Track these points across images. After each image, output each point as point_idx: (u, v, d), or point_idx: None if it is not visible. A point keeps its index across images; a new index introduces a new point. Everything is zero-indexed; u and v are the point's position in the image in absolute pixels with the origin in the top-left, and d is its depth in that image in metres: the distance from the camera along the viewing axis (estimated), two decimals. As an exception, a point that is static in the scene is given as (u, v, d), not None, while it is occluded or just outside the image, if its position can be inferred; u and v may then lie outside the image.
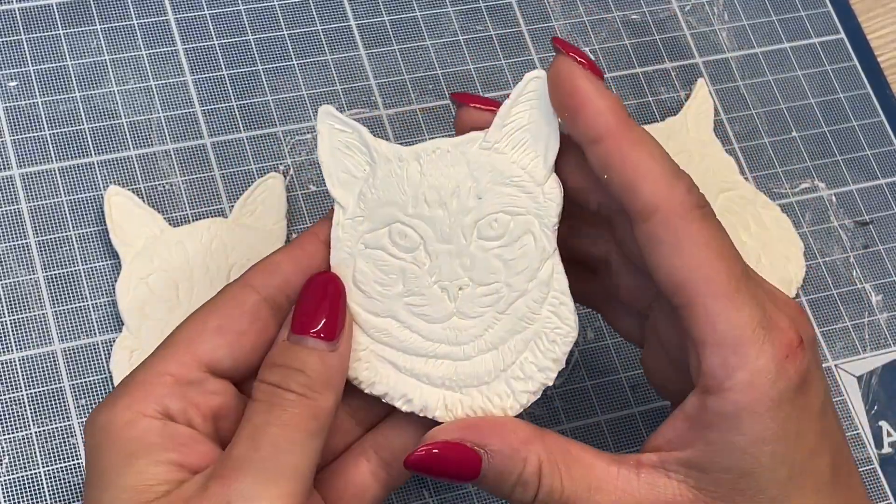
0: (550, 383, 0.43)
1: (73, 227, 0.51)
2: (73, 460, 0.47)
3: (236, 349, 0.41)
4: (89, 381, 0.48)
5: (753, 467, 0.40)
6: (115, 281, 0.50)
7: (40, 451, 0.47)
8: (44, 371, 0.48)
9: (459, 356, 0.43)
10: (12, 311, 0.49)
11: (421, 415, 0.43)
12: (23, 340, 0.49)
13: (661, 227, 0.40)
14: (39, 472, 0.47)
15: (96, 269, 0.50)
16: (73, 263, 0.50)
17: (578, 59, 0.41)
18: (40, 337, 0.49)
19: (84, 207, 0.51)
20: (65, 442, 0.47)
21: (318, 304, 0.41)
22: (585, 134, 0.41)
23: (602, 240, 0.45)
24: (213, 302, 0.41)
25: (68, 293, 0.50)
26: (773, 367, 0.39)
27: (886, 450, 0.54)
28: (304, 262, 0.42)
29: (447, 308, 0.43)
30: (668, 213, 0.39)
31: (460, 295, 0.43)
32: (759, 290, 0.40)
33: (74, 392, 0.48)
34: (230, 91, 0.55)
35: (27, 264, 0.50)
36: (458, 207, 0.43)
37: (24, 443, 0.47)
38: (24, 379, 0.48)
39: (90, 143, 0.53)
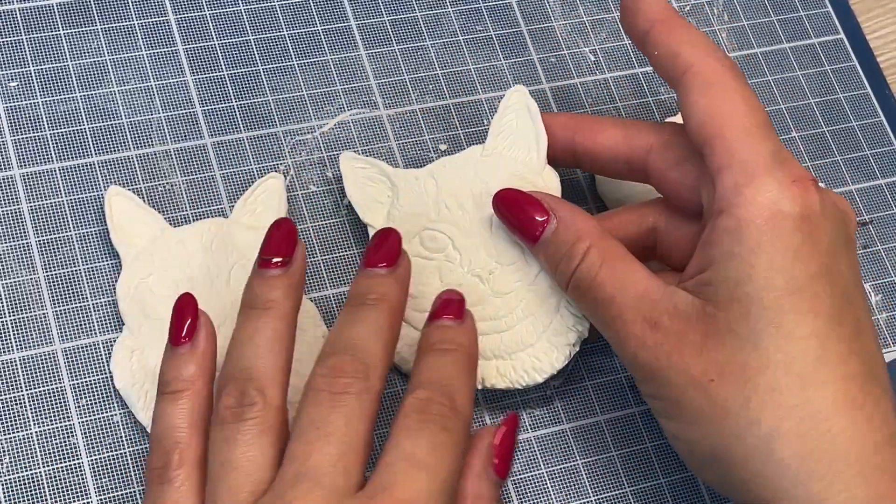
0: (586, 334, 0.49)
1: (74, 227, 0.51)
2: (73, 460, 0.47)
3: None
4: (89, 381, 0.49)
5: (750, 274, 0.42)
6: (116, 281, 0.50)
7: (40, 451, 0.47)
8: (44, 371, 0.48)
9: (502, 328, 0.49)
10: (13, 311, 0.49)
11: (479, 387, 0.48)
12: (23, 340, 0.49)
13: (694, 78, 0.45)
14: (39, 472, 0.47)
15: (97, 270, 0.50)
16: (74, 263, 0.50)
17: None
18: (41, 337, 0.49)
19: (84, 207, 0.51)
20: (65, 442, 0.47)
21: (512, 451, 0.46)
22: (643, 26, 0.47)
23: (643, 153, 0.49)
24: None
25: (69, 293, 0.50)
26: (778, 187, 0.43)
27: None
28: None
29: (483, 290, 0.49)
30: (702, 65, 0.45)
31: (491, 278, 0.49)
32: (778, 140, 0.44)
33: (74, 392, 0.48)
34: (230, 91, 0.55)
35: (28, 264, 0.50)
36: (474, 206, 0.50)
37: (24, 443, 0.47)
38: (24, 379, 0.48)
39: (90, 143, 0.53)
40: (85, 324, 0.49)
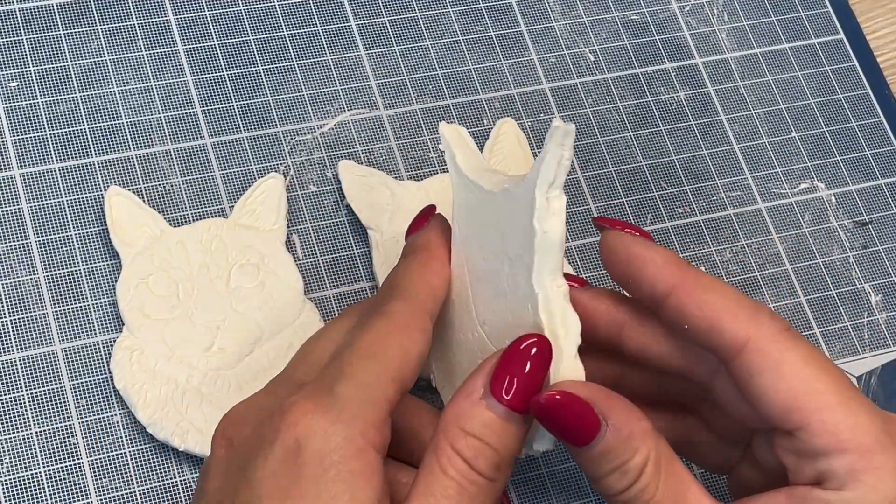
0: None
1: (74, 227, 0.51)
2: (73, 460, 0.47)
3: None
4: (89, 381, 0.49)
5: None
6: (116, 281, 0.50)
7: (40, 451, 0.47)
8: (44, 371, 0.48)
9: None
10: (13, 311, 0.49)
11: None
12: (23, 340, 0.49)
13: (756, 357, 0.40)
14: (39, 472, 0.47)
15: (97, 270, 0.51)
16: (74, 263, 0.50)
17: (625, 229, 0.42)
18: (41, 337, 0.49)
19: (84, 207, 0.52)
20: (65, 442, 0.47)
21: (524, 371, 0.40)
22: (655, 293, 0.41)
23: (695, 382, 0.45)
24: (408, 327, 0.41)
25: (69, 293, 0.50)
26: None
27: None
28: (443, 278, 0.44)
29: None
30: (759, 341, 0.40)
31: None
32: (870, 401, 0.41)
33: (74, 392, 0.48)
34: (230, 91, 0.55)
35: (28, 264, 0.50)
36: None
37: (24, 443, 0.47)
38: (24, 379, 0.48)
39: (91, 143, 0.53)
40: (85, 324, 0.49)
